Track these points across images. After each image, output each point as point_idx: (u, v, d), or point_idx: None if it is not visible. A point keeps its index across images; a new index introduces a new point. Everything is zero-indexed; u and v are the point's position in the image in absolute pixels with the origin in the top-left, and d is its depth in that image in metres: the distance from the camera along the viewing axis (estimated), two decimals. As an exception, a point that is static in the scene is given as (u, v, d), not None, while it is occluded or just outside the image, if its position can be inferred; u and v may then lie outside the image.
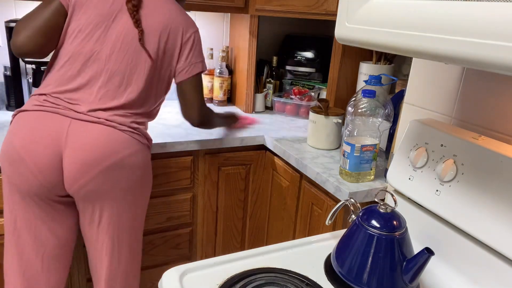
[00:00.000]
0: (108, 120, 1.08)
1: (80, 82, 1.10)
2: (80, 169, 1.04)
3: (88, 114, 1.07)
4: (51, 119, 1.04)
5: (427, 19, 0.52)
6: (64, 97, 1.08)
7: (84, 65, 1.10)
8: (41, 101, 1.07)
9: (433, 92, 0.96)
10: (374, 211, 0.75)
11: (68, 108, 1.06)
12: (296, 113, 1.91)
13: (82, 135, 1.04)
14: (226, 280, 0.75)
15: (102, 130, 1.06)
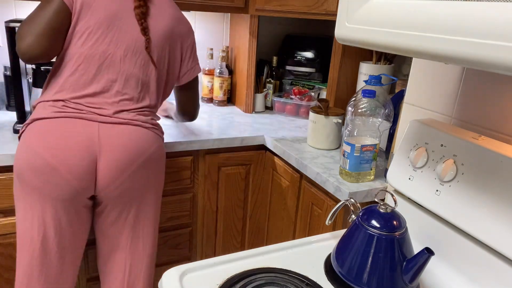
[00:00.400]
0: (134, 120, 1.11)
1: (97, 86, 1.09)
2: (116, 170, 1.06)
3: (114, 116, 1.08)
4: (79, 124, 1.04)
5: (427, 19, 0.52)
6: (85, 101, 1.08)
7: (99, 68, 1.10)
8: (60, 107, 1.05)
9: (433, 92, 0.96)
10: (374, 211, 0.75)
11: (93, 112, 1.06)
12: (296, 113, 1.91)
13: (114, 137, 1.06)
14: (226, 280, 0.75)
15: (131, 130, 1.09)
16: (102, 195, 1.10)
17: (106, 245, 1.19)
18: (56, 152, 1.01)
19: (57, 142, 1.01)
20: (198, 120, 1.73)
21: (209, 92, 2.03)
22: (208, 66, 1.99)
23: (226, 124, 1.70)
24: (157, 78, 1.20)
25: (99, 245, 1.22)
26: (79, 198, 1.07)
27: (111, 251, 1.19)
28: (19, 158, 1.04)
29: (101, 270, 1.24)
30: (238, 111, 1.95)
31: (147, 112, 1.17)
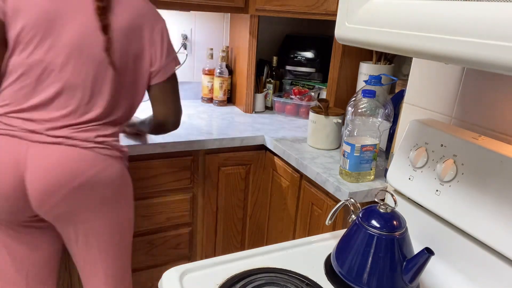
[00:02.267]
0: (69, 138, 1.00)
1: (37, 99, 1.00)
2: (45, 193, 0.99)
3: (47, 134, 0.99)
4: (7, 143, 0.97)
5: (427, 19, 0.52)
6: (21, 116, 0.99)
7: (38, 79, 1.00)
8: None
9: (433, 92, 0.96)
10: (374, 211, 0.75)
11: (25, 129, 0.98)
12: (296, 113, 1.91)
13: (42, 159, 0.97)
14: (226, 280, 0.75)
15: (62, 151, 0.99)
16: (41, 215, 1.04)
17: (77, 263, 1.15)
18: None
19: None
20: (198, 120, 1.73)
21: (209, 92, 2.03)
22: (208, 66, 1.99)
23: (226, 124, 1.70)
24: (117, 83, 1.06)
25: (75, 263, 1.18)
26: (16, 218, 1.03)
27: (83, 269, 1.15)
28: None
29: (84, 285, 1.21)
30: (238, 111, 1.95)
31: (91, 127, 1.03)
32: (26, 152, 0.97)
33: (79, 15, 1.00)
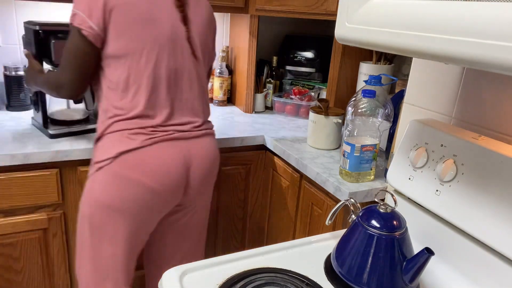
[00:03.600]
0: (208, 129, 1.18)
1: (174, 104, 1.11)
2: (200, 178, 1.15)
3: (194, 130, 1.14)
4: (173, 145, 1.08)
5: (427, 19, 0.52)
6: (170, 122, 1.10)
7: (168, 86, 1.09)
8: (149, 133, 1.06)
9: (433, 92, 0.96)
10: (374, 211, 0.75)
11: (178, 131, 1.10)
12: (296, 113, 1.91)
13: (199, 152, 1.13)
14: (226, 280, 0.75)
15: (208, 142, 1.17)
16: (184, 202, 1.18)
17: (169, 238, 1.26)
18: (158, 179, 1.06)
19: (159, 169, 1.05)
20: (198, 120, 1.73)
21: (209, 92, 2.02)
22: (208, 66, 1.99)
23: (226, 124, 1.70)
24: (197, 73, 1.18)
25: (155, 241, 1.27)
26: (163, 210, 1.14)
27: (173, 242, 1.26)
28: (112, 190, 1.04)
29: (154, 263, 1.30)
30: (238, 111, 1.95)
31: (209, 119, 1.23)
32: (189, 148, 1.11)
33: (165, 12, 1.09)
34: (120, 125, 1.06)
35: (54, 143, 1.32)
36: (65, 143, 1.32)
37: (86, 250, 1.12)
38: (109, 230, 1.08)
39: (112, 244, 1.09)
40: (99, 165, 1.06)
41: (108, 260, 1.11)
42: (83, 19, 1.01)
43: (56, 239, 1.38)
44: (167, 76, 1.09)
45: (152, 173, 1.04)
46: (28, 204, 1.30)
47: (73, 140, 1.37)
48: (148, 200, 1.06)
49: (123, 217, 1.06)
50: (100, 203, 1.06)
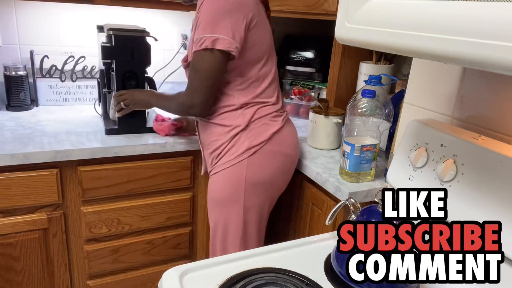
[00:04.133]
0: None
1: (277, 95, 1.31)
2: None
3: (286, 114, 1.33)
4: (290, 123, 1.31)
5: (427, 19, 0.52)
6: (282, 106, 1.32)
7: (272, 82, 1.30)
8: (276, 116, 1.26)
9: (433, 92, 0.96)
10: (374, 211, 0.75)
11: (285, 111, 1.32)
12: (296, 113, 1.91)
13: (293, 126, 1.34)
14: (226, 280, 0.75)
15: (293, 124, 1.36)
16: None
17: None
18: (295, 148, 1.29)
19: (294, 142, 1.29)
20: (198, 120, 1.73)
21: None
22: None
23: (226, 124, 1.70)
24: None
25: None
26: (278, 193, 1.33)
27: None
28: (270, 168, 1.23)
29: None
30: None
31: None
32: (293, 124, 1.34)
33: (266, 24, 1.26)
34: (262, 112, 1.23)
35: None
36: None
37: (237, 232, 1.25)
38: (259, 206, 1.25)
39: (259, 216, 1.27)
40: (254, 149, 1.20)
41: (254, 229, 1.27)
42: (229, 42, 1.11)
43: (56, 239, 1.38)
44: (275, 72, 1.30)
45: (292, 144, 1.28)
46: (28, 204, 1.30)
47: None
48: (290, 166, 1.29)
49: (272, 188, 1.26)
50: (258, 182, 1.22)
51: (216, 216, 1.28)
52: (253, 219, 1.26)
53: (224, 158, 1.22)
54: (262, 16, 1.21)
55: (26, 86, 1.68)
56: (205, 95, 1.16)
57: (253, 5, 1.16)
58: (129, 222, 1.47)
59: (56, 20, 1.74)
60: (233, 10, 1.11)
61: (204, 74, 1.14)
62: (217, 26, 1.10)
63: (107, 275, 1.52)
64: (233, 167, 1.20)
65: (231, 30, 1.10)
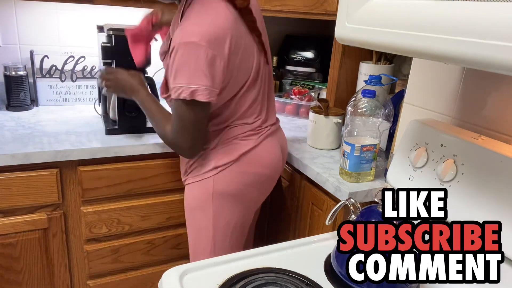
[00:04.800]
0: (277, 124, 1.32)
1: (268, 108, 1.26)
2: (283, 166, 1.33)
3: (274, 125, 1.28)
4: (272, 141, 1.24)
5: (427, 19, 0.52)
6: (267, 123, 1.25)
7: (263, 93, 1.23)
8: (249, 134, 1.20)
9: (433, 92, 0.96)
10: (374, 211, 0.75)
11: (270, 125, 1.25)
12: (296, 113, 1.91)
13: (283, 140, 1.32)
14: (226, 280, 0.75)
15: (283, 132, 1.34)
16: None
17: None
18: (273, 166, 1.24)
19: (271, 159, 1.23)
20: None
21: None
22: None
23: (226, 124, 1.70)
24: None
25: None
26: (263, 199, 1.32)
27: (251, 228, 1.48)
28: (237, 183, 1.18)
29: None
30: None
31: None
32: (278, 139, 1.28)
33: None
34: (232, 132, 1.18)
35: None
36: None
37: (207, 238, 1.24)
38: (228, 215, 1.22)
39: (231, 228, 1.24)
40: (220, 169, 1.17)
41: (225, 241, 1.25)
42: (209, 92, 1.01)
43: (56, 239, 1.38)
44: (264, 89, 1.22)
45: (268, 164, 1.22)
46: (28, 204, 1.30)
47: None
48: (264, 184, 1.25)
49: (243, 201, 1.23)
50: (226, 194, 1.19)
51: (188, 224, 1.28)
52: (224, 231, 1.23)
53: (192, 173, 1.22)
54: (243, 39, 1.08)
55: (26, 86, 1.68)
56: (193, 140, 1.11)
57: (230, 31, 1.03)
58: (129, 222, 1.47)
59: (56, 20, 1.74)
60: (209, 54, 0.98)
61: (188, 124, 1.07)
62: (193, 75, 0.99)
63: (107, 275, 1.52)
64: (201, 182, 1.19)
65: (210, 78, 1.00)
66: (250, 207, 1.27)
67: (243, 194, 1.21)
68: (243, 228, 1.28)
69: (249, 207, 1.27)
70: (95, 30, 1.62)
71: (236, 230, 1.26)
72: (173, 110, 1.09)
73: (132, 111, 1.47)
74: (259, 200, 1.30)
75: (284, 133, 1.35)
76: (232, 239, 1.26)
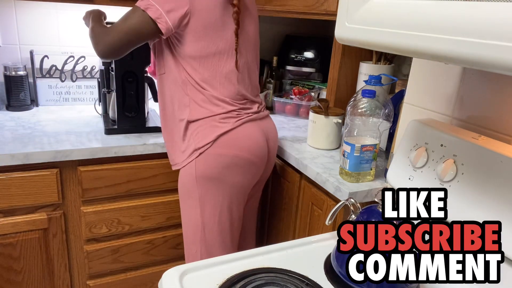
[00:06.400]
0: (266, 110, 1.37)
1: (248, 91, 1.31)
2: (273, 152, 1.36)
3: (260, 111, 1.32)
4: (253, 126, 1.27)
5: (427, 19, 0.52)
6: (247, 106, 1.29)
7: (242, 78, 1.28)
8: (235, 115, 1.24)
9: (433, 92, 0.96)
10: (374, 211, 0.75)
11: (254, 112, 1.29)
12: (296, 113, 1.91)
13: (270, 127, 1.34)
14: (226, 280, 0.75)
15: (271, 120, 1.37)
16: (262, 178, 1.39)
17: (248, 215, 1.48)
18: (252, 151, 1.25)
19: (251, 143, 1.25)
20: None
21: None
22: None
23: (226, 124, 1.70)
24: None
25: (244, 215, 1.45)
26: (250, 184, 1.32)
27: (249, 219, 1.50)
28: (216, 165, 1.22)
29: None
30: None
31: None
32: (264, 126, 1.30)
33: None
34: (208, 112, 1.22)
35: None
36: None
37: (196, 224, 1.27)
38: (212, 199, 1.25)
39: (217, 212, 1.26)
40: (200, 151, 1.21)
41: (214, 226, 1.28)
42: (161, 14, 1.13)
43: (56, 239, 1.38)
44: (241, 71, 1.27)
45: (247, 148, 1.24)
46: (28, 204, 1.30)
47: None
48: (244, 167, 1.25)
49: (226, 185, 1.25)
50: (208, 177, 1.22)
51: (181, 213, 1.33)
52: (211, 216, 1.27)
53: (179, 158, 1.27)
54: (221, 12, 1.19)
55: (26, 86, 1.68)
56: (115, 42, 1.17)
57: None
58: (129, 222, 1.47)
59: (56, 20, 1.74)
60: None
61: (124, 26, 1.16)
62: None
63: (107, 275, 1.52)
64: (186, 167, 1.24)
65: (169, 6, 1.13)
66: (235, 191, 1.28)
67: (225, 177, 1.23)
68: (231, 216, 1.30)
69: (234, 192, 1.28)
70: (95, 30, 1.61)
71: (223, 215, 1.28)
72: (123, 15, 1.18)
73: (131, 111, 1.47)
74: (244, 185, 1.30)
75: (273, 125, 1.37)
76: (220, 227, 1.29)
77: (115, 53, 1.19)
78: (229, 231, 1.32)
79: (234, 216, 1.31)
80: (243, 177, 1.27)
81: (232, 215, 1.30)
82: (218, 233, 1.29)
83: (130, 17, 1.16)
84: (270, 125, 1.35)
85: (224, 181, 1.24)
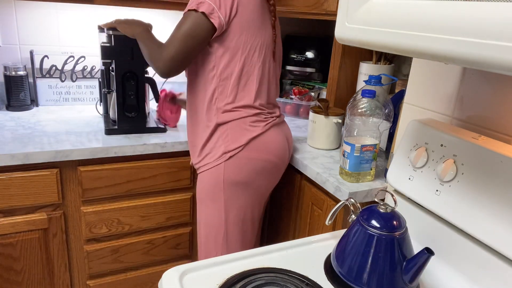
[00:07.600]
0: (282, 115, 1.39)
1: (270, 97, 1.32)
2: (289, 159, 1.37)
3: (279, 117, 1.33)
4: (277, 130, 1.29)
5: (427, 19, 0.52)
6: (269, 111, 1.30)
7: (268, 81, 1.30)
8: (263, 119, 1.26)
9: (433, 92, 0.96)
10: (374, 211, 0.75)
11: (275, 117, 1.30)
12: (296, 113, 1.91)
13: (288, 133, 1.36)
14: (226, 280, 0.75)
15: (288, 126, 1.38)
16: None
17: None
18: (279, 154, 1.28)
19: (277, 148, 1.27)
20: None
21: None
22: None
23: (226, 124, 1.70)
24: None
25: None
26: (274, 187, 1.36)
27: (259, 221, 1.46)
28: (246, 169, 1.22)
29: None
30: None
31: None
32: (283, 131, 1.32)
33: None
34: (237, 115, 1.22)
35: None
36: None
37: (219, 229, 1.26)
38: (238, 204, 1.25)
39: (241, 216, 1.27)
40: (230, 154, 1.21)
41: (236, 229, 1.28)
42: (213, 9, 1.12)
43: (56, 239, 1.38)
44: (268, 73, 1.27)
45: (276, 151, 1.26)
46: (28, 204, 1.30)
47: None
48: (272, 171, 1.28)
49: (252, 189, 1.26)
50: (236, 182, 1.22)
51: (200, 215, 1.30)
52: (235, 221, 1.26)
53: (204, 161, 1.25)
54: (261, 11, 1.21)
55: (26, 86, 1.68)
56: (176, 55, 1.14)
57: None
58: (129, 222, 1.47)
59: (56, 20, 1.74)
60: None
61: (184, 33, 1.13)
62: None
63: (107, 275, 1.52)
64: (213, 169, 1.23)
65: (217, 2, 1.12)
66: (259, 196, 1.30)
67: (253, 182, 1.24)
68: (253, 218, 1.31)
69: (258, 196, 1.30)
70: (95, 30, 1.62)
71: (246, 220, 1.28)
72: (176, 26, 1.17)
73: (131, 111, 1.47)
74: (268, 189, 1.32)
75: (289, 127, 1.38)
76: (243, 230, 1.29)
77: (176, 66, 1.16)
78: (250, 233, 1.32)
79: (255, 218, 1.32)
80: (268, 181, 1.29)
81: (253, 218, 1.31)
82: (240, 236, 1.29)
83: (183, 23, 1.14)
84: (288, 129, 1.37)
85: (251, 185, 1.25)
